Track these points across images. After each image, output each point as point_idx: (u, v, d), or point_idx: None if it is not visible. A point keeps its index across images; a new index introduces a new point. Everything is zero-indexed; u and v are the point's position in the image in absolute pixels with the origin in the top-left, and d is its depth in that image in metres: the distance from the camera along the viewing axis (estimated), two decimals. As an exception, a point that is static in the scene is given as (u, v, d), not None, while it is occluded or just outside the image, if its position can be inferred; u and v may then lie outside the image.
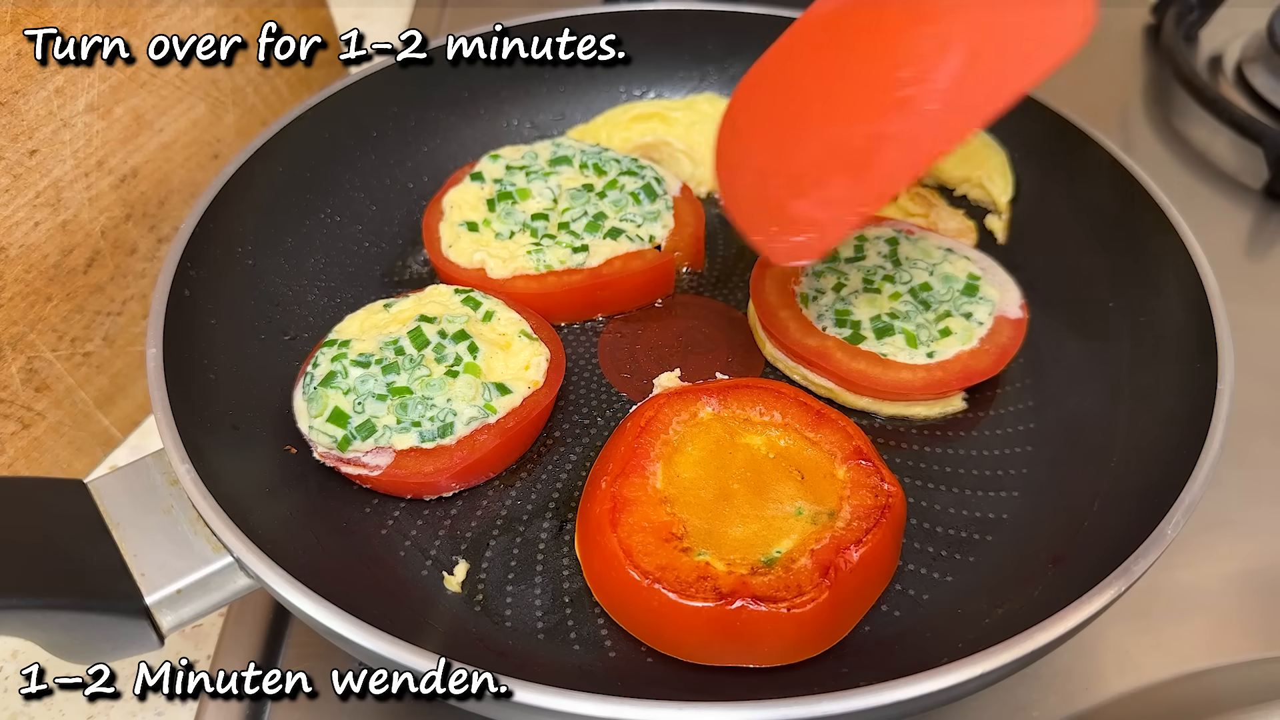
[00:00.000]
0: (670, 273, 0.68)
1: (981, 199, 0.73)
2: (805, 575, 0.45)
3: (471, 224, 0.67)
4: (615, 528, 0.47)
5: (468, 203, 0.68)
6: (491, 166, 0.70)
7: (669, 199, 0.69)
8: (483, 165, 0.70)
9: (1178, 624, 0.57)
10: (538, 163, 0.71)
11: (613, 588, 0.48)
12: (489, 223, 0.67)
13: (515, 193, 0.68)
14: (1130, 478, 0.53)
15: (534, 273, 0.64)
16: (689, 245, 0.68)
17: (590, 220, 0.67)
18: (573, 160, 0.71)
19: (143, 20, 0.65)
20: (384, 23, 1.14)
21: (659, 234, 0.67)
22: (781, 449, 0.52)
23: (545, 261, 0.64)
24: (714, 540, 0.48)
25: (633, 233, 0.66)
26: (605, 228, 0.66)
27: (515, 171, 0.70)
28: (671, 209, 0.68)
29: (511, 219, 0.67)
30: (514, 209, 0.68)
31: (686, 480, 0.51)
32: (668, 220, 0.68)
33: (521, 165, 0.70)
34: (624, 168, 0.70)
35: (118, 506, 0.48)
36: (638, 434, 0.52)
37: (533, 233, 0.66)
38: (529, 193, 0.68)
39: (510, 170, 0.70)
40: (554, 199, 0.68)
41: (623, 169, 0.70)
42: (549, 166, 0.70)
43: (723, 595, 0.44)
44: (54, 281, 0.63)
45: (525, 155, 0.71)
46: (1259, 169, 0.85)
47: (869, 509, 0.48)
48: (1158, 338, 0.58)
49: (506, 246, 0.66)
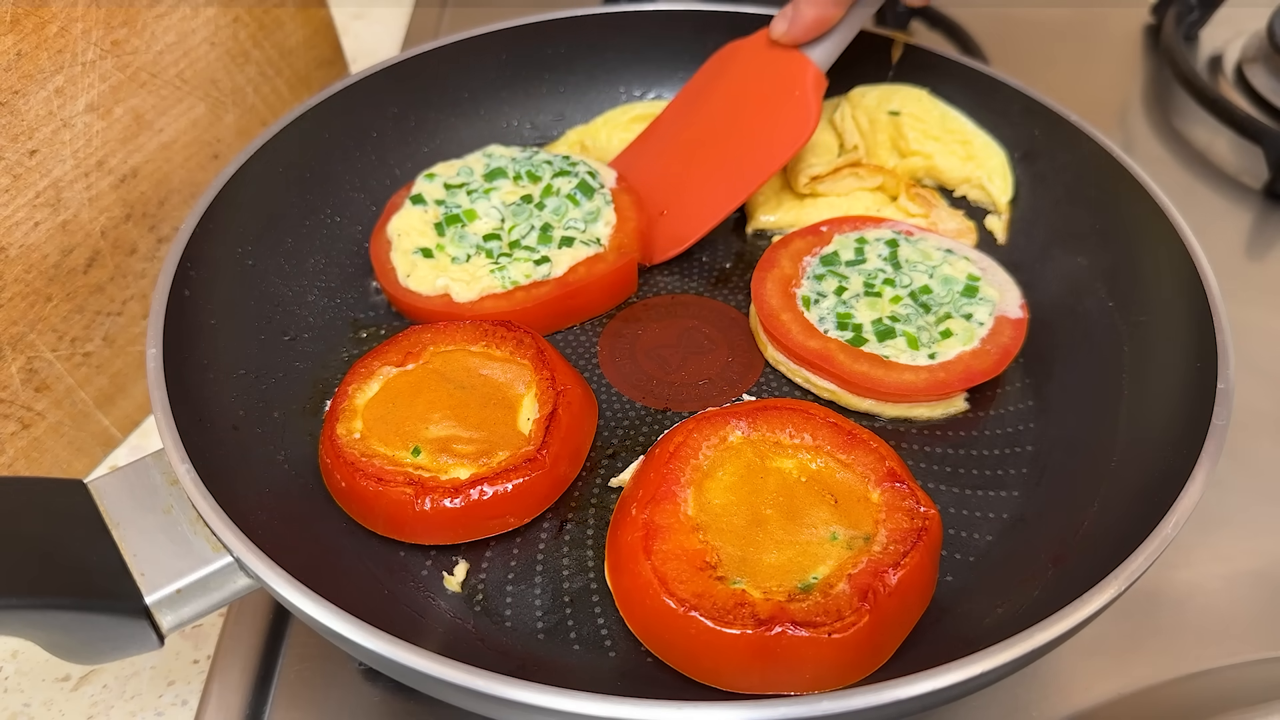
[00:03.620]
0: (633, 271, 0.67)
1: (981, 199, 0.73)
2: (844, 600, 0.45)
3: (426, 250, 0.65)
4: (649, 555, 0.47)
5: (415, 228, 0.66)
6: (429, 186, 0.68)
7: (606, 193, 0.67)
8: (420, 186, 0.68)
9: (1178, 624, 0.57)
10: (474, 179, 0.69)
11: (648, 616, 0.47)
12: (443, 248, 0.65)
13: (462, 214, 0.67)
14: (1130, 478, 0.53)
15: (501, 290, 0.63)
16: (633, 240, 0.66)
17: (540, 233, 0.65)
18: (507, 171, 0.69)
19: (143, 20, 0.65)
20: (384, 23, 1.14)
21: (602, 233, 0.65)
22: (813, 472, 0.52)
23: (510, 278, 0.63)
24: (749, 568, 0.47)
25: (581, 238, 0.65)
26: (556, 237, 0.65)
27: (456, 191, 0.68)
28: (611, 203, 0.67)
29: (465, 242, 0.65)
30: (465, 232, 0.66)
31: (718, 507, 0.50)
32: (609, 216, 0.66)
33: (460, 183, 0.68)
34: (556, 168, 0.69)
35: (118, 506, 0.48)
36: (667, 460, 0.51)
37: (488, 254, 0.65)
38: (475, 214, 0.67)
39: (450, 190, 0.68)
40: (501, 218, 0.67)
41: (555, 170, 0.68)
42: (486, 182, 0.68)
43: (762, 622, 0.44)
44: (54, 281, 0.63)
45: (460, 171, 0.69)
46: (1259, 169, 0.85)
47: (905, 532, 0.48)
48: (1158, 338, 0.58)
49: (466, 269, 0.64)
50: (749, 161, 0.66)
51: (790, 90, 0.65)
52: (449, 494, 0.51)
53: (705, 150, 0.69)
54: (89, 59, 0.62)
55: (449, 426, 0.54)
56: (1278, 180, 0.83)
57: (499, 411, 0.56)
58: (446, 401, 0.56)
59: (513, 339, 0.58)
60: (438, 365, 0.58)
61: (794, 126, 0.65)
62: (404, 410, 0.55)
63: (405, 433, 0.54)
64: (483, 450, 0.53)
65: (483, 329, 0.59)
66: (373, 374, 0.57)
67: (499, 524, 0.53)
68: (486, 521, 0.53)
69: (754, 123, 0.67)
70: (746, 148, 0.67)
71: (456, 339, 0.59)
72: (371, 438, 0.54)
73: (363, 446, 0.53)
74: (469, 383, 0.57)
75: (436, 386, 0.57)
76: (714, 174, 0.68)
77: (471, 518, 0.52)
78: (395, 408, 0.56)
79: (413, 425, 0.55)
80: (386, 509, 0.51)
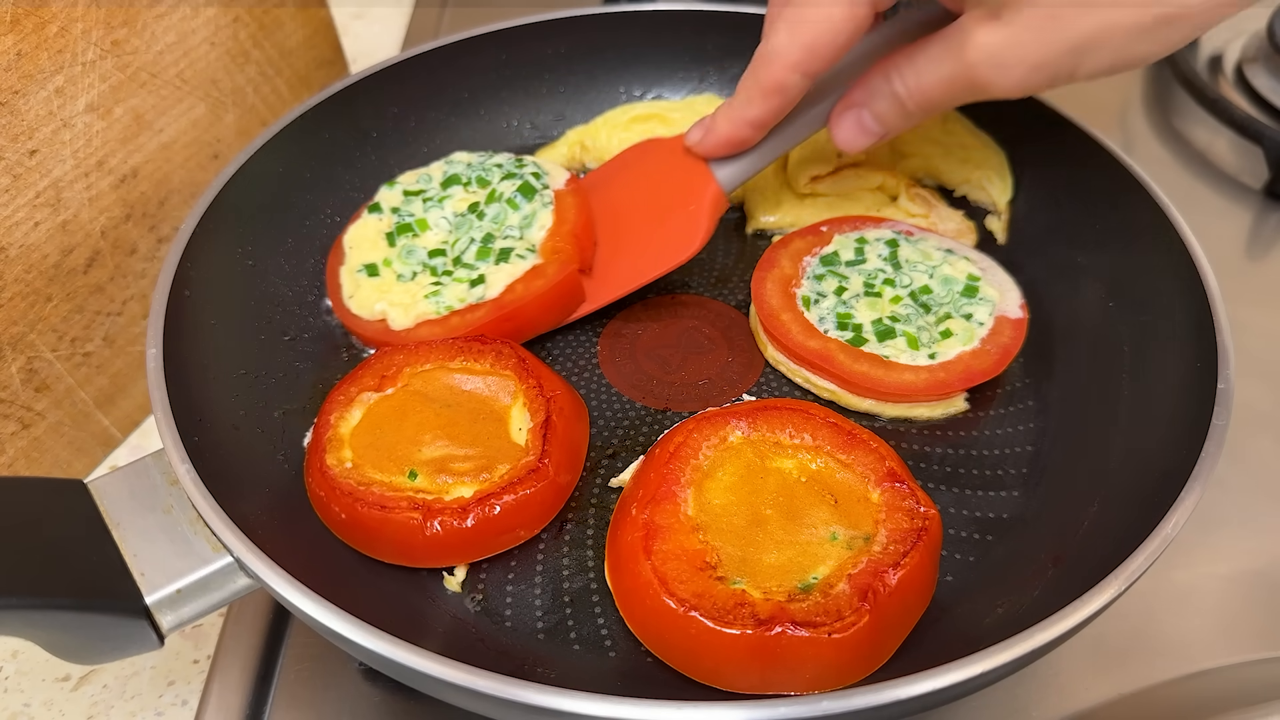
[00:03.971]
0: (576, 283, 0.63)
1: (981, 199, 0.73)
2: (844, 600, 0.45)
3: (371, 267, 0.63)
4: (649, 555, 0.47)
5: (367, 239, 0.64)
6: (389, 194, 0.66)
7: (548, 194, 0.64)
8: (381, 195, 0.67)
9: (1178, 624, 0.57)
10: (432, 186, 0.66)
11: (648, 616, 0.47)
12: (389, 263, 0.63)
13: (414, 224, 0.64)
14: (1130, 478, 0.53)
15: (436, 316, 0.60)
16: (567, 245, 0.62)
17: (480, 247, 0.62)
18: (461, 178, 0.66)
19: (143, 20, 0.65)
20: (384, 23, 1.14)
21: (537, 237, 0.62)
22: (813, 472, 0.52)
23: (445, 303, 0.60)
24: (749, 568, 0.47)
25: (520, 248, 0.62)
26: (495, 250, 0.62)
27: (413, 198, 0.66)
28: (551, 205, 0.64)
29: (413, 258, 0.63)
30: (415, 245, 0.64)
31: (718, 507, 0.50)
32: (545, 220, 0.63)
33: (418, 190, 0.66)
34: (505, 171, 0.66)
35: (118, 506, 0.48)
36: (667, 460, 0.51)
37: (432, 271, 0.63)
38: (427, 224, 0.64)
39: (408, 197, 0.66)
40: (449, 227, 0.64)
41: (504, 173, 0.66)
42: (442, 189, 0.66)
43: (762, 621, 0.44)
44: (54, 281, 0.63)
45: (421, 179, 0.67)
46: (1259, 169, 0.85)
47: (905, 532, 0.48)
48: (1158, 338, 0.58)
49: (408, 290, 0.62)
50: (642, 258, 0.64)
51: (687, 204, 0.63)
52: (457, 514, 0.50)
53: (612, 229, 0.66)
54: (89, 59, 0.62)
55: (442, 446, 0.54)
56: (1278, 180, 0.83)
57: (490, 425, 0.55)
58: (435, 421, 0.55)
59: (491, 351, 0.58)
60: (418, 386, 0.57)
61: (681, 241, 0.63)
62: (392, 435, 0.54)
63: (398, 457, 0.53)
64: (482, 466, 0.53)
65: (458, 344, 0.58)
66: (352, 401, 0.55)
67: (510, 538, 0.52)
68: (498, 537, 0.52)
69: (651, 223, 0.65)
70: (641, 244, 0.64)
71: (432, 357, 0.58)
72: (365, 466, 0.53)
73: (358, 475, 0.52)
74: (454, 400, 0.56)
75: (421, 407, 0.55)
76: (614, 255, 0.65)
77: (483, 535, 0.51)
78: (383, 433, 0.54)
79: (405, 449, 0.53)
80: (393, 536, 0.50)
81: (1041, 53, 0.45)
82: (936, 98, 0.52)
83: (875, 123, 0.56)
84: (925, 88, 0.52)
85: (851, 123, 0.57)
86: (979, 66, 0.47)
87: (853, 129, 0.58)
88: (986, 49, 0.46)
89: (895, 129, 0.57)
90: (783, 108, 0.57)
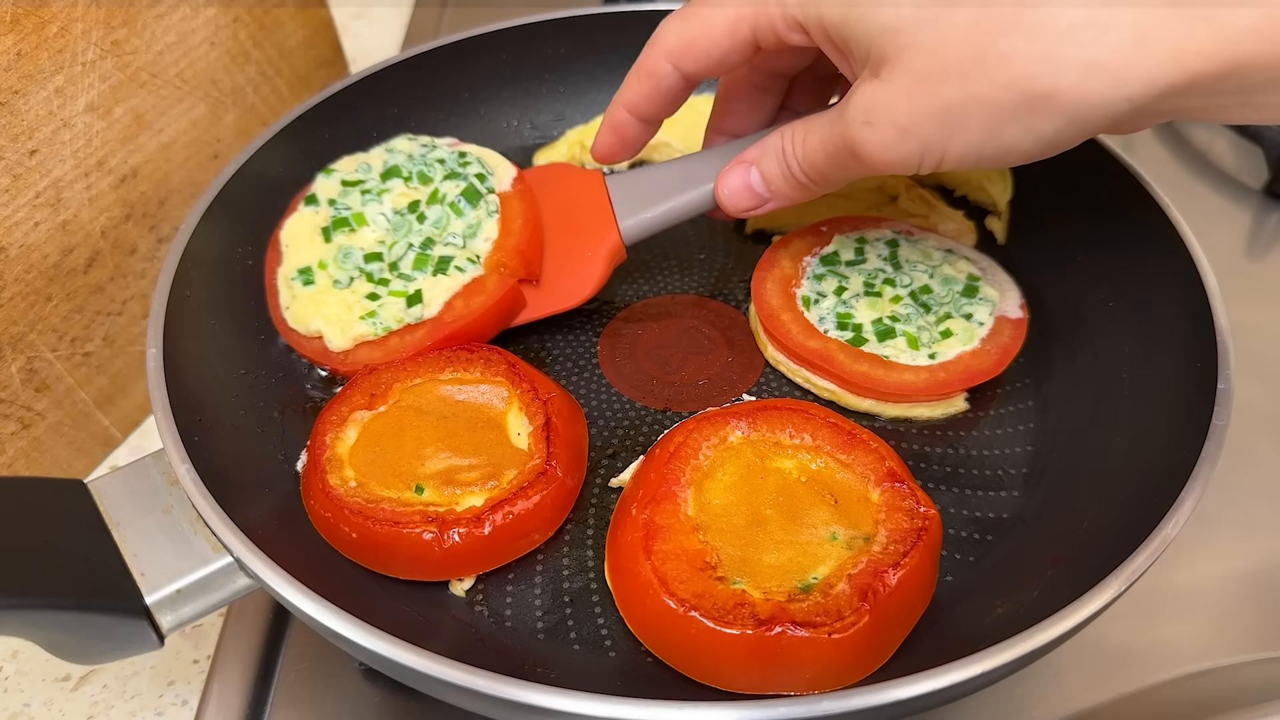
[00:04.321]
0: (518, 295, 0.60)
1: (981, 200, 0.73)
2: (844, 600, 0.45)
3: (306, 272, 0.59)
4: (649, 555, 0.47)
5: (304, 236, 0.60)
6: (326, 184, 0.63)
7: (493, 201, 0.61)
8: (318, 184, 0.63)
9: (1178, 624, 0.57)
10: (371, 176, 0.62)
11: (648, 617, 0.47)
12: (325, 266, 0.59)
13: (351, 218, 0.60)
14: (1130, 478, 0.53)
15: (374, 338, 0.58)
16: (513, 258, 0.59)
17: (418, 254, 0.59)
18: (402, 170, 0.62)
19: (143, 20, 0.65)
20: (384, 23, 1.14)
21: (482, 249, 0.59)
22: (813, 472, 0.52)
23: (383, 324, 0.57)
24: (748, 568, 0.47)
25: (460, 258, 0.58)
26: (433, 259, 0.58)
27: (351, 190, 0.62)
28: (496, 213, 0.60)
29: (350, 261, 0.59)
30: (351, 246, 0.60)
31: (718, 507, 0.50)
32: (490, 230, 0.59)
33: (356, 180, 0.62)
34: (449, 169, 0.62)
35: (118, 506, 0.48)
36: (667, 460, 0.51)
37: (369, 277, 0.59)
38: (364, 219, 0.60)
39: (346, 188, 0.62)
40: (387, 224, 0.61)
41: (447, 171, 0.62)
42: (381, 181, 0.62)
43: (762, 622, 0.44)
44: (54, 281, 0.63)
45: (360, 167, 0.63)
46: (1259, 169, 0.85)
47: (905, 532, 0.48)
48: (1158, 338, 0.58)
49: (345, 301, 0.58)
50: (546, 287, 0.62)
51: (585, 250, 0.61)
52: (472, 524, 0.49)
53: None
54: (89, 59, 0.62)
55: (445, 458, 0.53)
56: (1278, 180, 0.83)
57: (489, 432, 0.55)
58: (433, 434, 0.54)
59: (479, 359, 0.57)
60: (410, 401, 0.56)
61: (575, 286, 0.61)
62: (393, 451, 0.54)
63: (402, 473, 0.52)
64: (488, 474, 0.52)
65: (445, 355, 0.58)
66: (345, 420, 0.55)
67: (526, 543, 0.52)
68: (514, 543, 0.51)
69: (557, 255, 0.62)
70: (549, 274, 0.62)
71: (420, 371, 0.57)
72: (369, 484, 0.52)
73: (364, 493, 0.51)
74: (449, 411, 0.56)
75: (418, 422, 0.55)
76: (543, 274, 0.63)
77: (499, 542, 0.50)
78: (383, 450, 0.54)
79: (407, 464, 0.53)
80: (408, 552, 0.49)
81: (909, 113, 0.44)
82: (819, 161, 0.51)
83: (762, 183, 0.55)
84: (810, 148, 0.51)
85: (738, 178, 0.55)
86: (853, 124, 0.46)
87: (738, 184, 0.55)
88: (860, 105, 0.45)
89: (781, 196, 0.54)
90: (653, 93, 0.56)
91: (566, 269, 0.62)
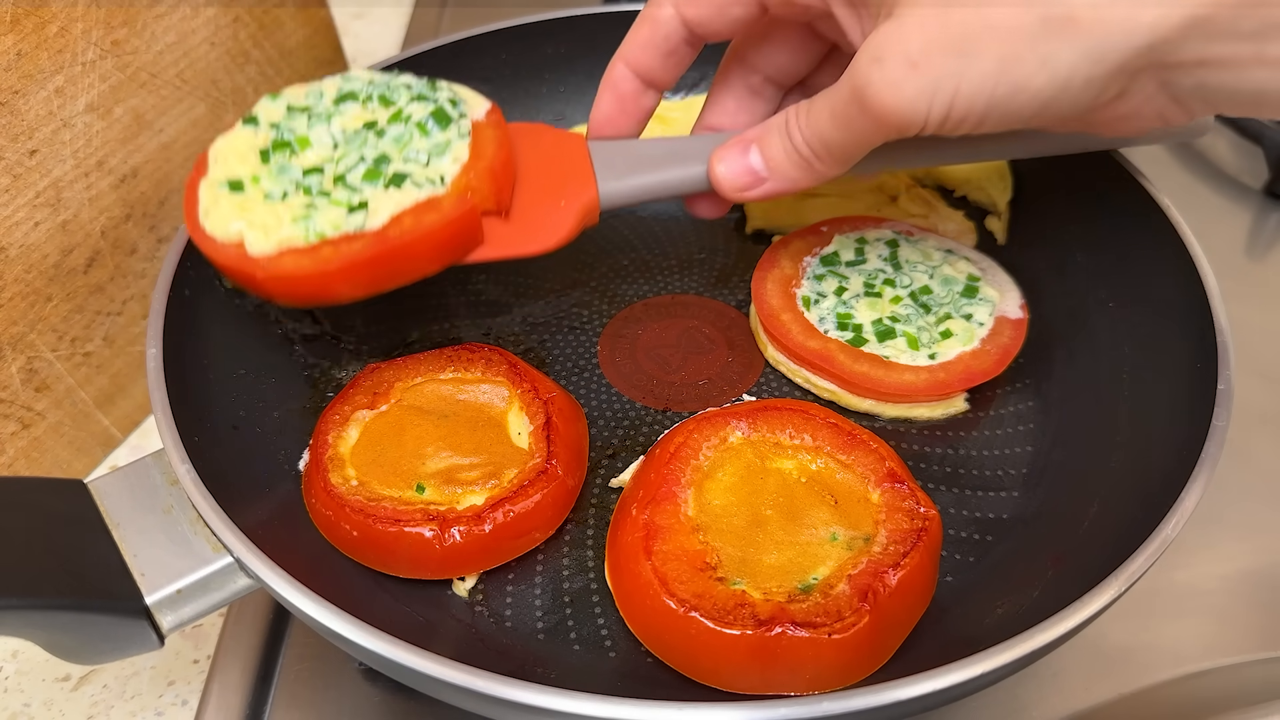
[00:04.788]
0: (475, 223, 0.54)
1: (981, 200, 0.73)
2: (844, 601, 0.45)
3: (235, 182, 0.53)
4: (649, 556, 0.47)
5: (236, 152, 0.54)
6: (270, 107, 0.57)
7: (465, 124, 0.55)
8: (260, 106, 0.57)
9: (1178, 624, 0.57)
10: (322, 103, 0.57)
11: (648, 617, 0.47)
12: (258, 180, 0.53)
13: (295, 141, 0.54)
14: (1130, 478, 0.53)
15: (304, 245, 0.50)
16: (483, 182, 0.53)
17: (370, 167, 0.53)
18: (359, 95, 0.57)
19: (143, 20, 0.65)
20: (384, 23, 1.14)
21: (448, 170, 0.53)
22: (813, 473, 0.52)
23: (316, 229, 0.50)
24: (748, 569, 0.47)
25: (419, 175, 0.53)
26: (387, 174, 0.53)
27: (296, 114, 0.56)
28: (467, 137, 0.54)
29: (285, 176, 0.53)
30: (290, 163, 0.54)
31: (718, 508, 0.50)
32: (460, 152, 0.54)
33: (304, 106, 0.57)
34: (415, 92, 0.57)
35: (118, 506, 0.48)
36: (667, 460, 0.51)
37: (306, 191, 0.52)
38: (309, 141, 0.55)
39: (291, 113, 0.56)
40: (334, 144, 0.55)
41: (414, 94, 0.57)
42: (333, 106, 0.56)
43: (762, 622, 0.44)
44: (54, 281, 0.63)
45: (310, 94, 0.57)
46: (1259, 169, 0.85)
47: (905, 532, 0.48)
48: (1158, 338, 0.58)
49: (274, 211, 0.51)
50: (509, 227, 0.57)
51: (558, 199, 0.57)
52: (474, 522, 0.49)
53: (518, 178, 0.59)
54: (89, 59, 0.62)
55: (446, 457, 0.53)
56: (1278, 180, 0.83)
57: (489, 432, 0.55)
58: (434, 433, 0.54)
59: (480, 359, 0.58)
60: (411, 400, 0.57)
61: (541, 232, 0.56)
62: (394, 451, 0.54)
63: (404, 472, 0.53)
64: (489, 473, 0.52)
65: (446, 354, 0.58)
66: (347, 420, 0.55)
67: (527, 541, 0.52)
68: (515, 541, 0.52)
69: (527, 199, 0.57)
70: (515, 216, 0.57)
71: (422, 371, 0.58)
72: (371, 483, 0.52)
73: (365, 492, 0.51)
74: (449, 410, 0.56)
75: (419, 421, 0.55)
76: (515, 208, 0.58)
77: (500, 541, 0.51)
78: (384, 450, 0.54)
79: (408, 463, 0.53)
80: (409, 550, 0.50)
81: (921, 44, 0.43)
82: (824, 127, 0.49)
83: (761, 161, 0.52)
84: (815, 114, 0.49)
85: (735, 154, 0.53)
86: (859, 68, 0.45)
87: (734, 161, 0.53)
88: (869, 45, 0.44)
89: (780, 175, 0.52)
90: (652, 40, 0.54)
91: (534, 214, 0.57)
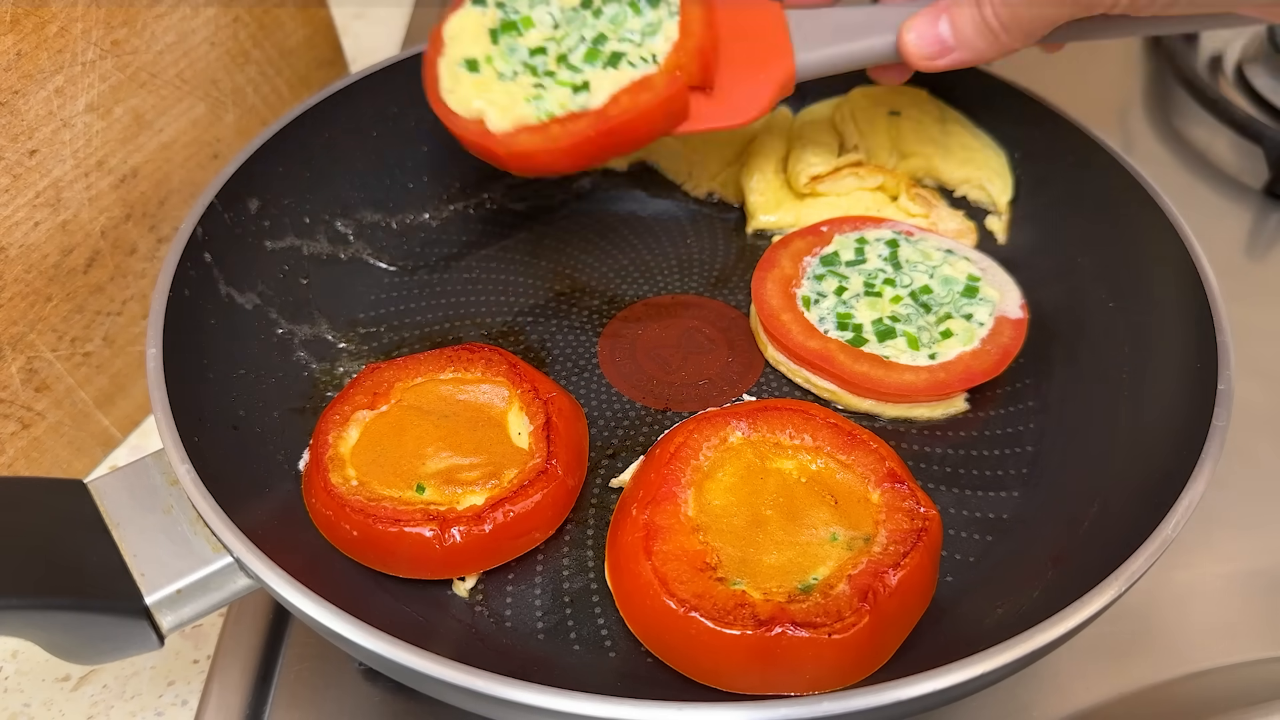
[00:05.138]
0: (684, 99, 0.59)
1: (981, 200, 0.73)
2: (844, 601, 0.45)
3: (472, 62, 0.60)
4: (649, 556, 0.47)
5: (469, 32, 0.60)
6: None
7: (674, 2, 0.60)
8: None
9: (1178, 624, 0.57)
10: None
11: (648, 617, 0.47)
12: (491, 60, 0.60)
13: (519, 22, 0.60)
14: (1130, 478, 0.53)
15: (536, 123, 0.58)
16: (692, 60, 0.59)
17: (590, 48, 0.59)
18: None
19: (143, 20, 0.65)
20: (384, 23, 1.14)
21: (660, 50, 0.58)
22: (813, 473, 0.52)
23: (546, 109, 0.57)
24: (749, 569, 0.47)
25: (634, 54, 0.58)
26: (605, 53, 0.58)
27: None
28: (676, 15, 0.59)
29: (515, 56, 0.60)
30: (517, 44, 0.60)
31: (718, 508, 0.50)
32: (671, 31, 0.59)
33: None
34: None
35: (118, 506, 0.48)
36: (667, 460, 0.51)
37: (533, 71, 0.59)
38: (531, 21, 0.61)
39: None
40: (554, 24, 0.61)
41: None
42: None
43: (762, 622, 0.44)
44: (54, 281, 0.63)
45: None
46: (1259, 169, 0.85)
47: (905, 533, 0.48)
48: (1158, 338, 0.58)
49: (508, 90, 0.59)
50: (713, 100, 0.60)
51: (757, 71, 0.60)
52: (474, 521, 0.49)
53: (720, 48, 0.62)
54: (89, 59, 0.62)
55: (446, 457, 0.53)
56: (1278, 180, 0.83)
57: (489, 432, 0.55)
58: (434, 433, 0.54)
59: (480, 360, 0.58)
60: (411, 400, 0.56)
61: (742, 104, 0.60)
62: (394, 451, 0.54)
63: (404, 472, 0.53)
64: (489, 473, 0.52)
65: (446, 355, 0.58)
66: (347, 420, 0.55)
67: (526, 541, 0.52)
68: (514, 541, 0.52)
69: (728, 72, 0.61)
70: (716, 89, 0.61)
71: (422, 370, 0.58)
72: (371, 482, 0.52)
73: (365, 492, 0.51)
74: (449, 410, 0.56)
75: (419, 421, 0.55)
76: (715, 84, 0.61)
77: (500, 540, 0.51)
78: (384, 450, 0.54)
79: (408, 463, 0.53)
80: (409, 550, 0.50)
81: None
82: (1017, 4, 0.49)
83: (951, 31, 0.53)
84: None
85: (926, 23, 0.54)
86: None
87: (925, 29, 0.54)
88: None
89: (967, 45, 0.53)
90: None
91: (735, 87, 0.60)
